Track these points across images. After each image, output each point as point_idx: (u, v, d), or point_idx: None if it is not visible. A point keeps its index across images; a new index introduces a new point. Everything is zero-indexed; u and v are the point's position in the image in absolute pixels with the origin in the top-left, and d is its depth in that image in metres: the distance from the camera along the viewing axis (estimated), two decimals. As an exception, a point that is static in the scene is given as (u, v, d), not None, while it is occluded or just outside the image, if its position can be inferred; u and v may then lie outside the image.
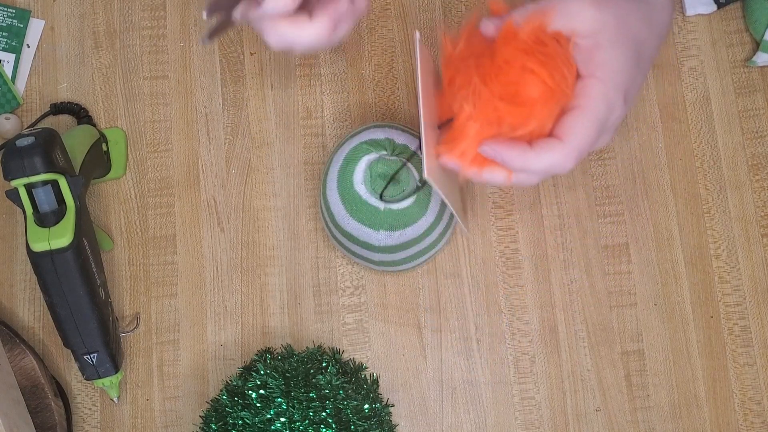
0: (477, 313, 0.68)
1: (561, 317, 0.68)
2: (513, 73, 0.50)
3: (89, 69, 0.73)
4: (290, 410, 0.57)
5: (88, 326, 0.60)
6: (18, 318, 0.68)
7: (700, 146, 0.71)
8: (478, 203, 0.70)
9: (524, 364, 0.67)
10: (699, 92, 0.72)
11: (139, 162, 0.71)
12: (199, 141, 0.71)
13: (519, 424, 0.66)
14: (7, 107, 0.71)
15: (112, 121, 0.72)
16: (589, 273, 0.68)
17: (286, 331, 0.68)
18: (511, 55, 0.50)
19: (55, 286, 0.59)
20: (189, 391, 0.67)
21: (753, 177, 0.70)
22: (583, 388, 0.67)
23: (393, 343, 0.68)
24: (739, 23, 0.73)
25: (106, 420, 0.67)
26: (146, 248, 0.69)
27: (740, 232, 0.69)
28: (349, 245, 0.63)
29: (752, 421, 0.66)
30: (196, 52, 0.73)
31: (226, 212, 0.70)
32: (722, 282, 0.68)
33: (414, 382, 0.67)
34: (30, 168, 0.58)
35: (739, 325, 0.68)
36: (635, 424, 0.66)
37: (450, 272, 0.69)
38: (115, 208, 0.70)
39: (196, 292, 0.69)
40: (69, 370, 0.68)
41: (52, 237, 0.59)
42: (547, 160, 0.50)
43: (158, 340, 0.68)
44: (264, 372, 0.59)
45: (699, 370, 0.67)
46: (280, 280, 0.69)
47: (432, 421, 0.67)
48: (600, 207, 0.70)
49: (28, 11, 0.73)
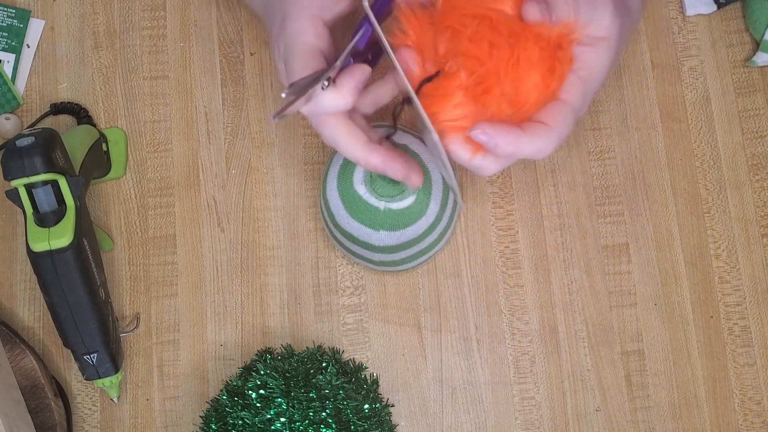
0: (477, 313, 0.68)
1: (561, 317, 0.68)
2: (525, 72, 0.48)
3: (89, 69, 0.73)
4: (290, 410, 0.57)
5: (88, 326, 0.60)
6: (18, 318, 0.68)
7: (700, 146, 0.71)
8: (478, 203, 0.70)
9: (524, 364, 0.67)
10: (699, 92, 0.72)
11: (139, 162, 0.71)
12: (199, 141, 0.71)
13: (519, 424, 0.66)
14: (7, 107, 0.71)
15: (112, 121, 0.72)
16: (589, 273, 0.68)
17: (286, 331, 0.68)
18: (533, 54, 0.48)
19: (55, 286, 0.59)
20: (189, 391, 0.67)
21: (753, 177, 0.70)
22: (583, 388, 0.67)
23: (393, 343, 0.68)
24: (739, 23, 0.73)
25: (106, 420, 0.67)
26: (146, 248, 0.69)
27: (740, 232, 0.69)
28: (349, 245, 0.63)
29: (752, 421, 0.66)
30: (196, 52, 0.73)
31: (226, 212, 0.70)
32: (722, 282, 0.68)
33: (414, 382, 0.67)
34: (30, 168, 0.58)
35: (739, 325, 0.68)
36: (635, 424, 0.66)
37: (450, 272, 0.69)
38: (115, 208, 0.70)
39: (196, 292, 0.69)
40: (69, 370, 0.68)
41: (52, 237, 0.59)
42: (538, 144, 0.49)
43: (158, 340, 0.68)
44: (264, 372, 0.60)
45: (699, 370, 0.67)
46: (280, 280, 0.69)
47: (432, 421, 0.67)
48: (600, 207, 0.70)
49: (28, 11, 0.73)
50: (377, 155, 0.51)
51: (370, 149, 0.51)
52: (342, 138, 0.50)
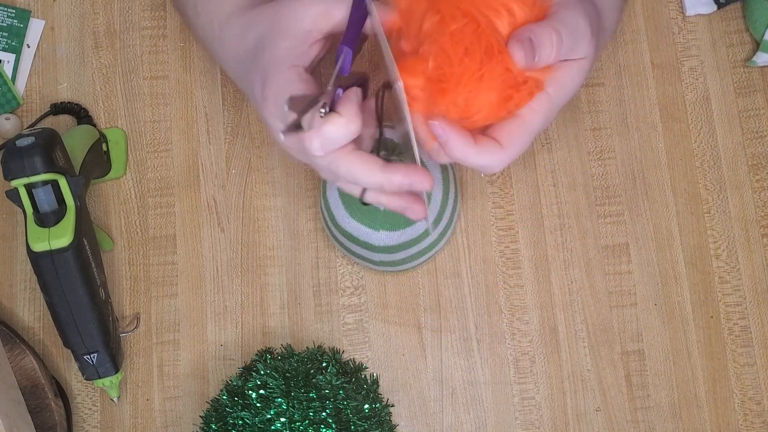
0: (477, 313, 0.68)
1: (561, 317, 0.68)
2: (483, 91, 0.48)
3: (89, 69, 0.73)
4: (290, 410, 0.57)
5: (88, 326, 0.60)
6: (18, 318, 0.68)
7: (700, 146, 0.71)
8: (478, 203, 0.70)
9: (524, 364, 0.67)
10: (699, 92, 0.72)
11: (139, 162, 0.71)
12: (199, 141, 0.71)
13: (519, 424, 0.66)
14: (7, 107, 0.71)
15: (112, 121, 0.72)
16: (589, 273, 0.68)
17: (286, 331, 0.68)
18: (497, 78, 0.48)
19: (55, 286, 0.59)
20: (189, 391, 0.67)
21: (753, 177, 0.70)
22: (583, 388, 0.67)
23: (393, 343, 0.68)
24: (739, 23, 0.73)
25: (106, 420, 0.67)
26: (146, 248, 0.69)
27: (740, 232, 0.69)
28: (349, 245, 0.63)
29: (752, 421, 0.66)
30: (196, 52, 0.73)
31: (226, 212, 0.70)
32: (722, 282, 0.68)
33: (414, 382, 0.67)
34: (30, 168, 0.58)
35: (739, 325, 0.68)
36: (635, 424, 0.66)
37: (450, 272, 0.69)
38: (115, 208, 0.70)
39: (196, 292, 0.69)
40: (69, 370, 0.68)
41: (52, 237, 0.59)
42: (485, 161, 0.49)
43: (158, 340, 0.68)
44: (264, 372, 0.60)
45: (699, 370, 0.67)
46: (280, 280, 0.69)
47: (432, 421, 0.67)
48: (600, 207, 0.70)
49: (28, 11, 0.73)
50: (398, 173, 0.49)
51: (389, 169, 0.49)
52: (359, 168, 0.49)
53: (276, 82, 0.50)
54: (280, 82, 0.50)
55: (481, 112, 0.48)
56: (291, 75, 0.50)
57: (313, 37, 0.51)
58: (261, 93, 0.51)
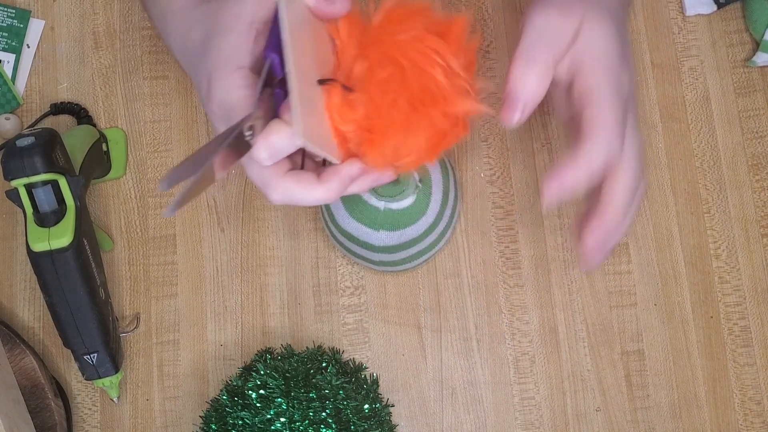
0: (477, 313, 0.68)
1: (561, 317, 0.68)
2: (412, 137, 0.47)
3: (89, 69, 0.73)
4: (290, 410, 0.57)
5: (88, 326, 0.60)
6: (18, 318, 0.68)
7: (700, 146, 0.71)
8: (478, 203, 0.70)
9: (524, 364, 0.67)
10: (699, 92, 0.72)
11: (139, 162, 0.71)
12: (199, 141, 0.71)
13: (519, 424, 0.66)
14: (7, 107, 0.71)
15: (112, 121, 0.72)
16: (588, 273, 0.68)
17: (286, 331, 0.68)
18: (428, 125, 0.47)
19: (55, 286, 0.59)
20: (189, 391, 0.67)
21: (753, 177, 0.70)
22: (583, 388, 0.67)
23: (393, 343, 0.68)
24: (739, 23, 0.73)
25: (106, 420, 0.67)
26: (146, 248, 0.69)
27: (740, 232, 0.69)
28: (349, 245, 0.63)
29: (752, 421, 0.66)
30: (196, 52, 0.73)
31: (226, 212, 0.70)
32: (722, 282, 0.68)
33: (414, 382, 0.67)
34: (30, 168, 0.58)
35: (739, 325, 0.68)
36: (635, 424, 0.66)
37: (450, 272, 0.69)
38: (115, 208, 0.70)
39: (196, 292, 0.69)
40: (69, 370, 0.68)
41: (52, 237, 0.59)
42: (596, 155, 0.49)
43: (158, 340, 0.68)
44: (264, 372, 0.60)
45: (699, 370, 0.67)
46: (280, 280, 0.69)
47: (432, 421, 0.67)
48: (600, 207, 0.70)
49: (28, 11, 0.73)
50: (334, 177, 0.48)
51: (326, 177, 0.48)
52: (297, 191, 0.48)
53: (221, 85, 0.49)
54: (227, 86, 0.49)
55: (410, 156, 0.48)
56: (236, 79, 0.49)
57: (256, 29, 0.50)
58: (207, 93, 0.51)
